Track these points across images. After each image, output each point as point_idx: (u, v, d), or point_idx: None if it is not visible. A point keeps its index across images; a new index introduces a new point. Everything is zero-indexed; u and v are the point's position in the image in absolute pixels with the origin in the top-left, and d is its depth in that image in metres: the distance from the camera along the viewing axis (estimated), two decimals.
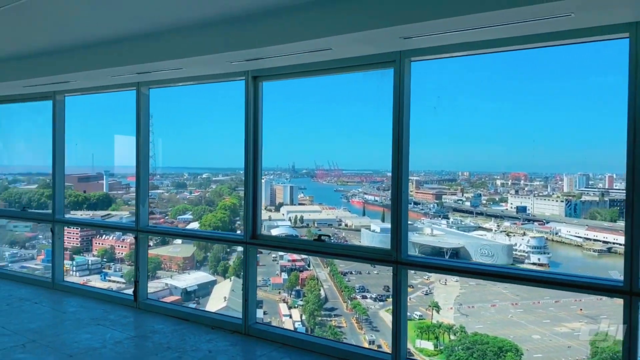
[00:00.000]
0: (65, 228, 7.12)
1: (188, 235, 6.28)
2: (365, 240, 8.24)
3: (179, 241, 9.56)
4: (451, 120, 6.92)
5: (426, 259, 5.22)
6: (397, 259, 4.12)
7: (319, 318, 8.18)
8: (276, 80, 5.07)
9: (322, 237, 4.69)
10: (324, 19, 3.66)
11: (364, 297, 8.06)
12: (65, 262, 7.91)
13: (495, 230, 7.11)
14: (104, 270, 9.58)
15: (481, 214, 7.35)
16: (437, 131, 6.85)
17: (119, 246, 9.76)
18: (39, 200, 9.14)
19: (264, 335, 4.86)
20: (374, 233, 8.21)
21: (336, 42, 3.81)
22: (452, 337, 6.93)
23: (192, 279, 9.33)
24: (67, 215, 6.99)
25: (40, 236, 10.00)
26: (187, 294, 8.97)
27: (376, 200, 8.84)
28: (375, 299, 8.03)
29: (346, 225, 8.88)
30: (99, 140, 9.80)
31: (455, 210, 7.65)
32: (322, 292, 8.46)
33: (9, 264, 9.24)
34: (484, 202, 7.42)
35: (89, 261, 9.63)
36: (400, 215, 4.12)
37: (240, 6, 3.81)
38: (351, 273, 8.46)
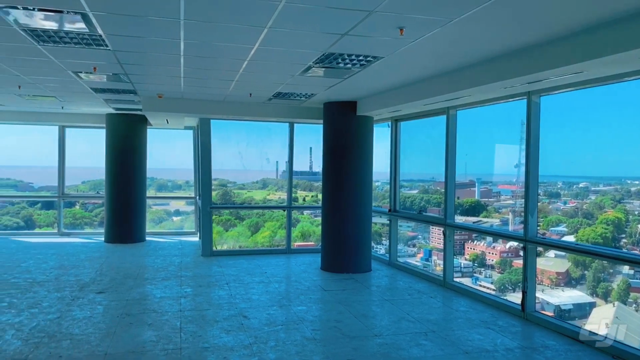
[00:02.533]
0: (435, 228, 7.72)
1: (582, 251, 5.78)
2: None
3: (551, 254, 9.04)
4: None
5: None
6: None
7: None
8: None
9: None
10: None
11: None
12: (440, 262, 8.61)
13: None
14: (474, 274, 9.94)
15: None
16: None
17: (489, 252, 9.95)
18: (419, 204, 10.22)
19: None
20: None
21: None
22: None
23: (566, 296, 8.64)
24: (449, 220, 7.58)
25: (420, 236, 11.12)
26: (560, 311, 8.39)
27: None
28: None
29: None
30: (471, 149, 10.25)
31: None
32: None
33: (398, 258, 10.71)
34: None
35: (461, 264, 10.16)
36: None
37: None
38: None
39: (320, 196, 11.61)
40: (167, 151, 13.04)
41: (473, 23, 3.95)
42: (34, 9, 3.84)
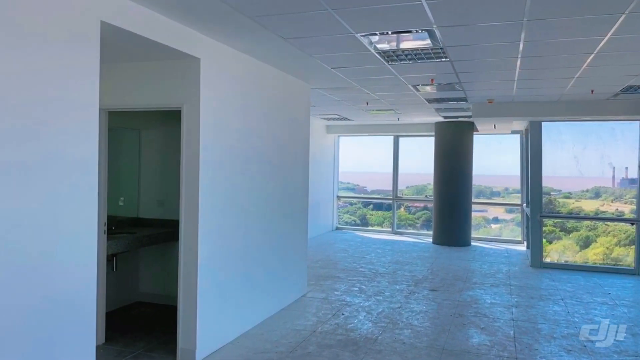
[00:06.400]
0: None
1: None
2: None
3: None
4: None
5: None
6: None
7: None
8: None
9: None
10: None
11: None
12: None
13: None
14: None
15: None
16: None
17: None
18: None
19: None
20: None
21: None
22: None
23: None
24: None
25: None
26: None
27: None
28: None
29: None
30: None
31: None
32: None
33: None
34: None
35: None
36: None
37: None
38: None
39: None
40: (487, 157, 12.90)
41: None
42: (387, 33, 4.38)
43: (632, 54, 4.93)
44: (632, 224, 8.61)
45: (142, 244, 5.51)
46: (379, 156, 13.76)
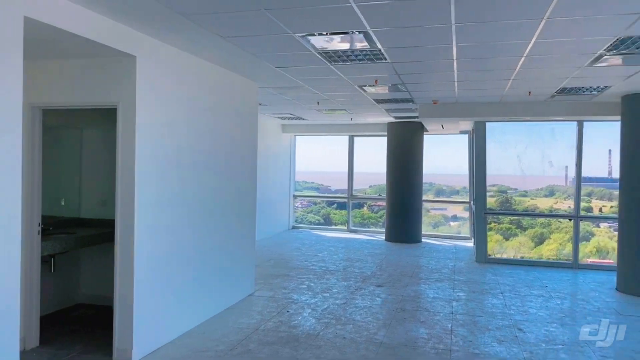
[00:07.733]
0: None
1: None
2: None
3: None
4: None
5: None
6: None
7: None
8: None
9: None
10: None
11: None
12: None
13: None
14: None
15: None
16: None
17: None
18: None
19: None
20: None
21: None
22: None
23: None
24: None
25: None
26: None
27: None
28: None
29: None
30: None
31: None
32: None
33: None
34: None
35: None
36: None
37: None
38: None
39: None
40: (445, 157, 13.28)
41: None
42: (326, 34, 4.46)
43: (559, 58, 5.19)
44: (570, 220, 9.03)
45: (81, 244, 5.41)
46: (341, 156, 13.89)
